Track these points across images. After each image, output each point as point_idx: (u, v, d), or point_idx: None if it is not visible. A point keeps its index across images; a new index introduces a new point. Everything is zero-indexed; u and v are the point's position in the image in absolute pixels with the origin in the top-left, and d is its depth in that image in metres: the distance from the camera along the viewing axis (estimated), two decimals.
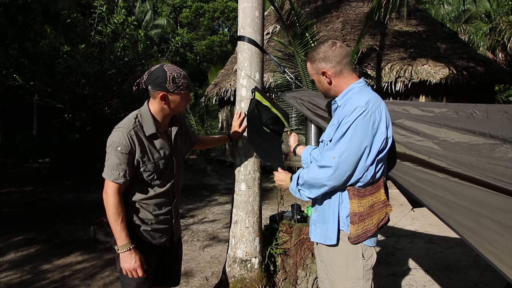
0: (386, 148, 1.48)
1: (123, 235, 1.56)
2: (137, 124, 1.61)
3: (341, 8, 10.57)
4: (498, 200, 1.39)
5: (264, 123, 2.31)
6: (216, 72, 14.86)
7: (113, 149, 1.55)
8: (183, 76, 1.62)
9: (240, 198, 2.54)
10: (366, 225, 1.48)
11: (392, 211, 1.54)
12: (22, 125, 13.71)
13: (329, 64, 1.54)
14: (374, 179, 1.49)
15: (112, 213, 1.55)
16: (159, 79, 1.58)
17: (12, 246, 4.13)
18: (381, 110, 1.45)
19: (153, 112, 1.66)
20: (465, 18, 16.35)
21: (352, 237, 1.49)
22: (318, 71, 1.58)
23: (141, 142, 1.60)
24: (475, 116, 1.62)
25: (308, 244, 2.64)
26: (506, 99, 14.52)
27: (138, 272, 1.59)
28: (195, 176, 10.09)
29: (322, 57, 1.55)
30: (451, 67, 8.00)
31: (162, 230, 1.75)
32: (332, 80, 1.56)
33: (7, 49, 6.43)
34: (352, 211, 1.48)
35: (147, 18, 22.09)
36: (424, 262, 3.62)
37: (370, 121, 1.41)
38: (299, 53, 5.50)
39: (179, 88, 1.60)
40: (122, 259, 1.58)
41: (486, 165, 1.45)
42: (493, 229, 1.38)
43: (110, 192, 1.55)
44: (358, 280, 1.52)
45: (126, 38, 7.07)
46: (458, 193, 1.48)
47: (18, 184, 8.11)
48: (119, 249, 1.58)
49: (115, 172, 1.54)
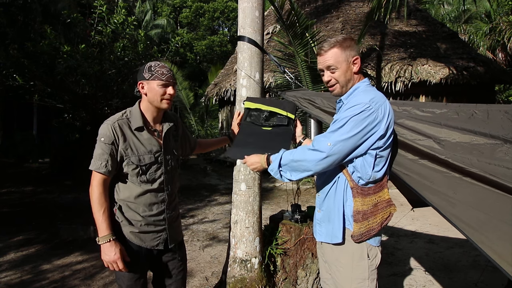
0: (384, 146, 1.48)
1: (104, 226, 1.57)
2: (123, 118, 1.66)
3: (341, 8, 10.57)
4: (499, 197, 1.40)
5: (262, 124, 2.25)
6: (216, 72, 14.86)
7: (98, 140, 1.61)
8: (161, 66, 1.67)
9: (240, 198, 2.54)
10: (369, 224, 1.48)
11: (396, 210, 1.54)
12: (22, 125, 13.70)
13: (357, 53, 1.55)
14: (377, 178, 1.50)
15: (95, 204, 1.57)
16: (139, 72, 1.69)
17: (12, 246, 4.12)
18: (384, 109, 1.46)
19: (142, 108, 1.72)
20: (465, 18, 16.35)
21: (355, 235, 1.49)
22: (348, 58, 1.53)
23: (125, 134, 1.63)
24: (475, 116, 1.62)
25: (308, 244, 2.63)
26: (506, 99, 14.52)
27: (118, 264, 1.58)
28: (195, 176, 10.09)
29: (351, 44, 1.54)
30: (451, 67, 8.00)
31: (153, 233, 1.71)
32: (359, 69, 1.56)
33: (7, 49, 6.43)
34: (355, 209, 1.49)
35: (147, 18, 22.08)
36: (424, 262, 3.62)
37: (371, 117, 1.42)
38: (299, 53, 5.50)
39: (153, 75, 1.64)
40: (103, 251, 1.58)
41: (487, 166, 1.46)
42: (495, 226, 1.39)
43: (94, 183, 1.58)
44: (363, 281, 1.52)
45: (126, 38, 7.06)
46: (459, 189, 1.49)
47: (18, 184, 8.10)
48: (99, 240, 1.58)
49: (97, 162, 1.58)
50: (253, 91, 2.50)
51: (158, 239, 1.73)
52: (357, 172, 1.49)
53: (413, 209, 2.71)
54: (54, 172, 8.92)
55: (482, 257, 3.52)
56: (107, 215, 1.58)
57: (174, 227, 1.81)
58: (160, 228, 1.73)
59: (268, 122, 2.16)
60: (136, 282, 1.69)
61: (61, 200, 6.61)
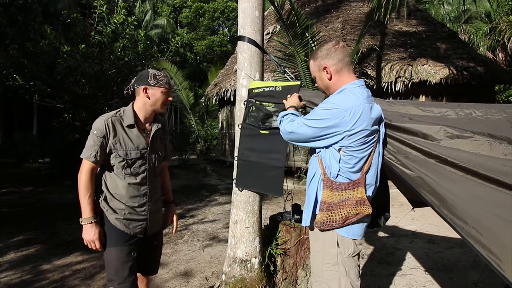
0: (353, 146, 1.56)
1: (88, 209, 1.76)
2: (117, 116, 1.85)
3: (341, 8, 10.57)
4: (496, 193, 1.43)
5: (260, 127, 2.33)
6: (216, 72, 14.86)
7: (91, 133, 1.79)
8: (163, 75, 1.90)
9: (240, 198, 2.54)
10: (332, 215, 1.60)
11: (368, 212, 1.59)
12: (22, 125, 13.71)
13: (331, 61, 1.67)
14: (352, 176, 1.60)
15: (82, 189, 1.76)
16: (142, 76, 1.88)
17: (12, 246, 4.13)
18: (354, 112, 1.54)
19: (135, 108, 1.90)
20: (465, 18, 16.35)
21: (318, 222, 1.64)
22: (320, 67, 1.71)
23: (117, 130, 1.82)
24: (474, 116, 1.63)
25: (308, 244, 2.64)
26: (506, 99, 14.52)
27: (96, 244, 1.78)
28: (195, 176, 10.09)
29: (325, 54, 1.69)
30: (451, 67, 8.00)
31: (135, 221, 1.89)
32: (332, 76, 1.69)
33: (7, 49, 6.43)
34: (322, 199, 1.63)
35: (147, 18, 22.10)
36: (424, 262, 3.62)
37: (337, 116, 1.55)
38: (299, 53, 5.49)
39: (159, 82, 1.86)
40: (84, 231, 1.78)
41: (485, 163, 1.47)
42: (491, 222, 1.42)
43: (83, 170, 1.77)
44: (333, 266, 1.66)
45: (126, 38, 7.07)
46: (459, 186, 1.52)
47: (18, 184, 8.11)
48: (82, 221, 1.77)
49: (88, 151, 1.76)
50: None
51: (139, 227, 1.91)
52: (328, 167, 1.64)
53: (413, 209, 2.71)
54: (54, 172, 8.92)
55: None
56: (91, 200, 1.78)
57: (155, 218, 1.99)
58: (142, 218, 1.91)
59: (265, 124, 2.31)
60: (124, 265, 1.84)
61: (61, 200, 6.61)
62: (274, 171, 2.32)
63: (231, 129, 11.98)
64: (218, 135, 15.15)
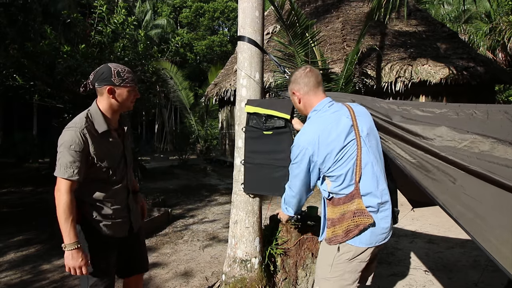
0: (332, 168, 1.63)
1: (72, 233, 1.59)
2: (88, 123, 1.65)
3: (341, 8, 10.56)
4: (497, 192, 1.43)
5: (263, 128, 2.36)
6: (216, 72, 14.84)
7: (66, 148, 1.58)
8: (128, 71, 1.71)
9: (240, 198, 2.54)
10: (336, 230, 1.67)
11: (369, 222, 1.60)
12: (22, 125, 13.72)
13: (298, 86, 1.79)
14: (343, 192, 1.65)
15: (63, 211, 1.57)
16: (104, 74, 1.66)
17: (12, 246, 4.13)
18: (313, 143, 1.62)
19: (102, 109, 1.72)
20: (465, 18, 16.34)
21: (326, 238, 1.74)
22: (291, 92, 1.84)
23: (94, 139, 1.64)
24: (475, 116, 1.62)
25: (308, 244, 2.64)
26: (506, 99, 14.52)
27: (83, 270, 1.62)
28: (195, 176, 10.09)
29: (293, 79, 1.81)
30: (451, 67, 8.00)
31: (121, 223, 1.81)
32: (301, 99, 1.80)
33: (7, 49, 6.43)
34: (327, 217, 1.75)
35: (147, 18, 22.06)
36: (424, 262, 3.62)
37: (305, 155, 1.65)
38: (299, 53, 5.49)
39: (124, 81, 1.68)
40: (68, 257, 1.60)
41: (486, 164, 1.47)
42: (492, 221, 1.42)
43: (63, 190, 1.57)
44: (328, 266, 1.73)
45: (126, 38, 7.06)
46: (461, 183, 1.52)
47: (18, 184, 8.11)
48: (66, 247, 1.60)
49: (69, 170, 1.57)
50: (253, 91, 2.50)
51: (125, 228, 1.84)
52: (324, 191, 1.75)
53: (413, 209, 2.71)
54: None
55: (483, 257, 3.52)
56: (74, 223, 1.60)
57: (136, 213, 1.95)
58: (126, 219, 1.84)
59: (267, 125, 2.34)
60: (104, 272, 1.75)
61: None
62: (279, 171, 2.32)
63: (231, 129, 11.98)
64: (218, 135, 15.14)
